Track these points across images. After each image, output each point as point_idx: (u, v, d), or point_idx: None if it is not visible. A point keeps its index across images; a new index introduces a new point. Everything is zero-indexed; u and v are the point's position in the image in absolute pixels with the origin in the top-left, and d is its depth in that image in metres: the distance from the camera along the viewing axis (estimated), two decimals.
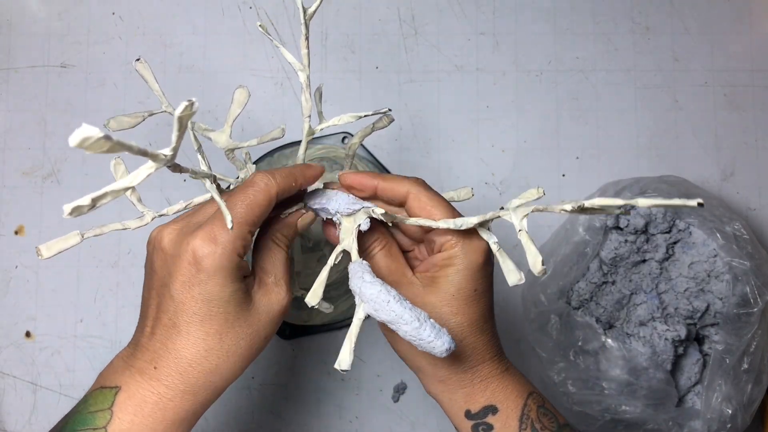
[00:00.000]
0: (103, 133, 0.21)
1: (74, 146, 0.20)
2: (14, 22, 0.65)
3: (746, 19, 0.67)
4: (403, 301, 0.35)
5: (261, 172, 0.37)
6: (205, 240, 0.34)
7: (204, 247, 0.34)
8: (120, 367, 0.37)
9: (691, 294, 0.58)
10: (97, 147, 0.21)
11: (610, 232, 0.59)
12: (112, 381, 0.36)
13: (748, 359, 0.55)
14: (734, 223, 0.57)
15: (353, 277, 0.37)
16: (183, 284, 0.34)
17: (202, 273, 0.34)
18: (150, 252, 0.37)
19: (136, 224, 0.39)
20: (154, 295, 0.36)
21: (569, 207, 0.30)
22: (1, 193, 0.64)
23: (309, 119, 0.42)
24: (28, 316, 0.62)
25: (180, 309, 0.35)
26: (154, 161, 0.25)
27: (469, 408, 0.40)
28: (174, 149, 0.25)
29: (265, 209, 0.37)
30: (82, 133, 0.20)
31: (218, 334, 0.35)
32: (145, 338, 0.36)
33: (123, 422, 0.34)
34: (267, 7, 0.66)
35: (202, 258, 0.34)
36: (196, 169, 0.33)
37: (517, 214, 0.34)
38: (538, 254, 0.33)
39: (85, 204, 0.24)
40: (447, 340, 0.34)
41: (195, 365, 0.35)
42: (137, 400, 0.35)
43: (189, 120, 0.24)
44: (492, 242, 0.37)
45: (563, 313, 0.57)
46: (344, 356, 0.36)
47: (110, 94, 0.65)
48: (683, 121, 0.65)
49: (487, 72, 0.66)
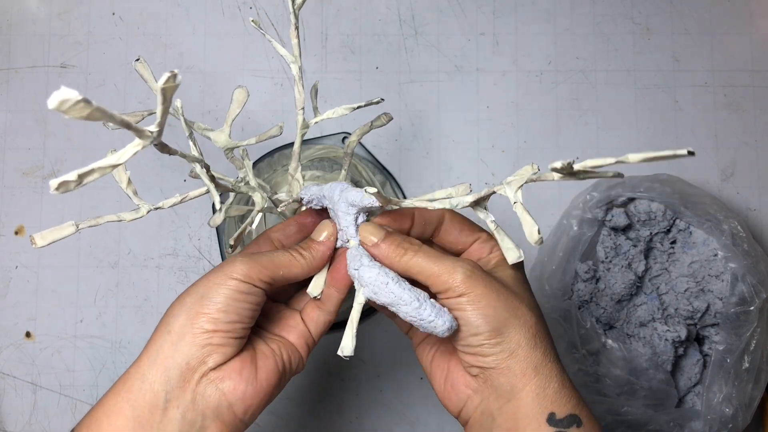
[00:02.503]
0: (82, 96, 0.20)
1: (52, 108, 0.20)
2: (14, 22, 0.66)
3: (746, 19, 0.67)
4: (402, 282, 0.35)
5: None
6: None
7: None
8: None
9: (692, 294, 0.58)
10: (76, 111, 0.21)
11: (604, 228, 0.59)
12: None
13: (749, 358, 0.55)
14: (731, 221, 0.57)
15: (351, 261, 0.37)
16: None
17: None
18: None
19: (131, 216, 0.39)
20: None
21: (558, 165, 0.29)
22: (1, 193, 0.64)
23: (303, 111, 0.42)
24: (28, 316, 0.62)
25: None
26: (139, 137, 0.25)
27: (555, 411, 0.35)
28: (160, 125, 0.25)
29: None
30: (61, 95, 0.20)
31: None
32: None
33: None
34: (267, 8, 0.66)
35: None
36: (185, 152, 0.33)
37: (511, 187, 0.34)
38: (533, 224, 0.32)
39: (71, 179, 0.24)
40: (448, 318, 0.34)
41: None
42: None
43: (173, 92, 0.24)
44: (489, 220, 0.36)
45: (564, 313, 0.57)
46: (347, 342, 0.36)
47: (110, 94, 0.65)
48: (683, 121, 0.65)
49: (487, 72, 0.66)
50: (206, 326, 0.34)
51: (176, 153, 0.31)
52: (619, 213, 0.59)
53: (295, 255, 0.38)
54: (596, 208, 0.59)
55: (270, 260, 0.37)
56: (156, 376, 0.34)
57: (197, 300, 0.35)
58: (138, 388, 0.34)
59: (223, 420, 0.35)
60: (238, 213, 0.46)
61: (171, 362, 0.34)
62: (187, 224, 0.63)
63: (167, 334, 0.35)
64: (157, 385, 0.34)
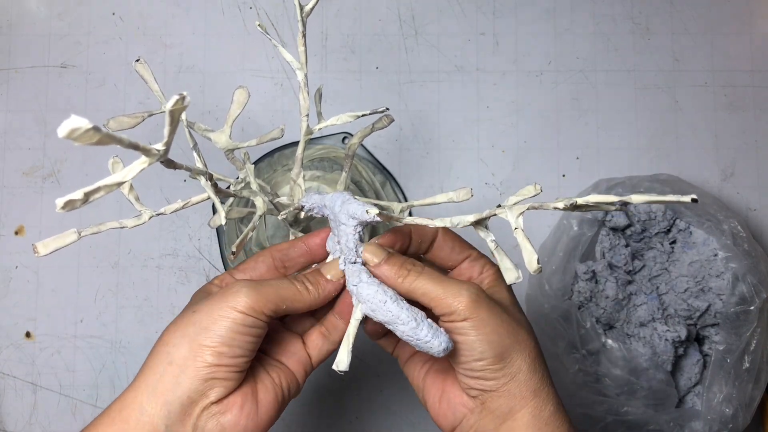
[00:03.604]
0: (92, 124, 0.21)
1: (63, 137, 0.20)
2: (14, 22, 0.65)
3: (746, 19, 0.67)
4: (400, 302, 0.35)
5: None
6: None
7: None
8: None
9: (692, 294, 0.58)
10: (86, 138, 0.21)
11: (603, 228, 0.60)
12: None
13: (749, 358, 0.55)
14: (731, 221, 0.57)
15: (350, 277, 0.37)
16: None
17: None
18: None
19: (133, 223, 0.39)
20: None
21: (561, 204, 0.30)
22: (1, 193, 0.64)
23: (307, 118, 0.42)
24: (28, 316, 0.62)
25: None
26: (146, 156, 0.25)
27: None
28: (167, 144, 0.25)
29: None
30: (71, 124, 0.20)
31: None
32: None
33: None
34: (267, 8, 0.66)
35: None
36: (191, 166, 0.33)
37: (513, 212, 0.34)
38: (533, 252, 0.33)
39: (77, 198, 0.24)
40: (444, 339, 0.34)
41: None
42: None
43: (181, 114, 0.24)
44: (489, 240, 0.36)
45: (564, 313, 0.57)
46: (342, 357, 0.36)
47: (110, 94, 0.65)
48: (683, 121, 0.65)
49: (487, 72, 0.66)
50: (210, 360, 0.34)
51: (182, 167, 0.31)
52: (619, 213, 0.59)
53: (301, 289, 0.37)
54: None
55: (275, 292, 0.36)
56: (156, 410, 0.33)
57: (200, 331, 0.34)
58: (136, 420, 0.33)
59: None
60: (239, 215, 0.46)
61: (172, 396, 0.33)
62: (187, 224, 0.63)
63: (168, 365, 0.34)
64: (157, 419, 0.33)
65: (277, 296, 0.36)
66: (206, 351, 0.34)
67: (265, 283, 0.36)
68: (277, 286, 0.36)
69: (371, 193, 0.59)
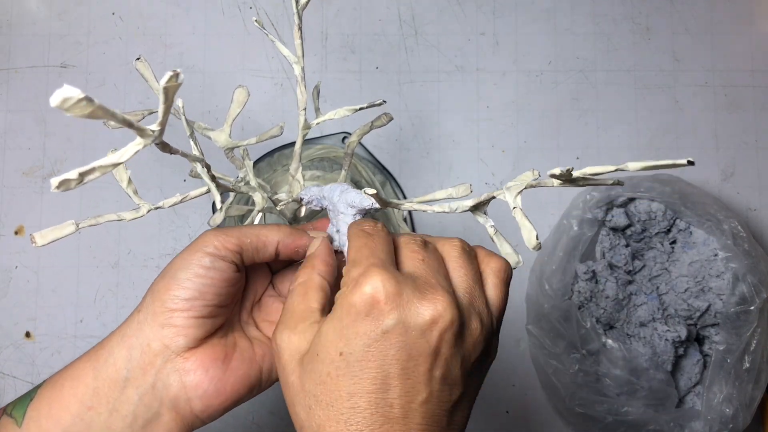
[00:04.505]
0: (85, 94, 0.20)
1: (55, 106, 0.20)
2: (14, 22, 0.66)
3: (746, 19, 0.67)
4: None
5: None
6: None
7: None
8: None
9: (692, 294, 0.58)
10: (79, 109, 0.21)
11: (603, 228, 0.60)
12: None
13: (749, 358, 0.55)
14: (731, 220, 0.57)
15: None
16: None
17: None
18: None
19: (131, 215, 0.39)
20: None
21: (557, 171, 0.29)
22: (1, 193, 0.64)
23: (305, 112, 0.42)
24: (28, 316, 0.62)
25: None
26: (141, 136, 0.25)
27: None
28: (161, 123, 0.25)
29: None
30: (64, 93, 0.20)
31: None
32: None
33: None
34: (267, 8, 0.66)
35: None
36: (186, 152, 0.33)
37: (511, 192, 0.34)
38: (532, 230, 0.32)
39: (72, 178, 0.24)
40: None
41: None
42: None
43: (175, 91, 0.24)
44: (488, 225, 0.36)
45: (564, 313, 0.57)
46: None
47: (110, 94, 0.65)
48: (683, 121, 0.65)
49: (487, 72, 0.66)
50: (168, 305, 0.33)
51: (177, 152, 0.31)
52: (619, 213, 0.59)
53: (268, 228, 0.36)
54: (596, 208, 0.59)
55: (239, 229, 0.35)
56: (121, 353, 0.33)
57: (165, 278, 0.34)
58: (104, 360, 0.33)
59: (178, 411, 0.34)
60: (238, 213, 0.46)
61: (134, 341, 0.33)
62: (187, 224, 0.63)
63: (136, 314, 0.34)
64: (120, 361, 0.33)
65: (240, 232, 0.35)
66: (164, 295, 0.33)
67: (234, 226, 0.36)
68: (243, 226, 0.36)
69: None
